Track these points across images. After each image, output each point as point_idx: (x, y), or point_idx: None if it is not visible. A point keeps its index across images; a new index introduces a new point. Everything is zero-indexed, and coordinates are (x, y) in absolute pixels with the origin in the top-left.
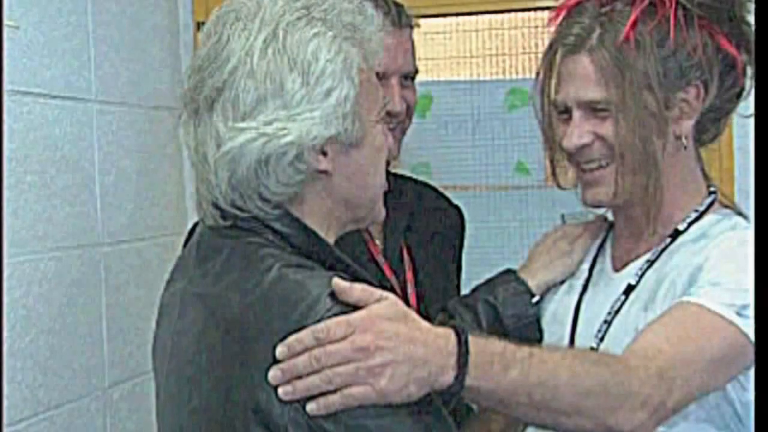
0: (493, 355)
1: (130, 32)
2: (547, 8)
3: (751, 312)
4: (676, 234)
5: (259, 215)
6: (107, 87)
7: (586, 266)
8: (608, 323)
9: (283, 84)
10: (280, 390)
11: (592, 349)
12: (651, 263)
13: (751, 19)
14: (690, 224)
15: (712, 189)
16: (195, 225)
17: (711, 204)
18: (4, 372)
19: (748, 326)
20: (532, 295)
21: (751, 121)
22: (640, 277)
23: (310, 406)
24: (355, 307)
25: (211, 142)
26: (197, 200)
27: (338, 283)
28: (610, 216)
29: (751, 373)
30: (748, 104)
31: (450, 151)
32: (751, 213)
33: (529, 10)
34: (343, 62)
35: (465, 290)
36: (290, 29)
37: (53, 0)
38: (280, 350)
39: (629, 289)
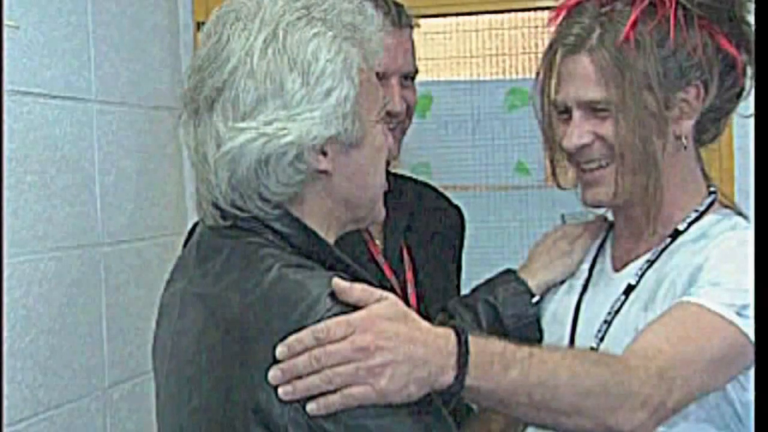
0: (493, 355)
1: (130, 32)
2: (547, 8)
3: (751, 312)
4: (676, 234)
5: (259, 215)
6: (107, 87)
7: (586, 266)
8: (608, 323)
9: (283, 84)
10: (280, 390)
11: (592, 349)
12: (651, 263)
13: (751, 19)
14: (690, 224)
15: (712, 189)
16: (195, 225)
17: (711, 204)
18: (4, 372)
19: (748, 326)
20: (532, 295)
21: (751, 121)
22: (640, 277)
23: (310, 406)
24: (355, 307)
25: (211, 142)
26: (197, 200)
27: (338, 283)
28: (610, 216)
29: (751, 373)
30: (748, 104)
31: (450, 151)
32: (751, 213)
33: (529, 10)
34: (343, 62)
35: (465, 290)
36: (290, 29)
37: (53, 0)
38: (280, 350)
39: (629, 289)
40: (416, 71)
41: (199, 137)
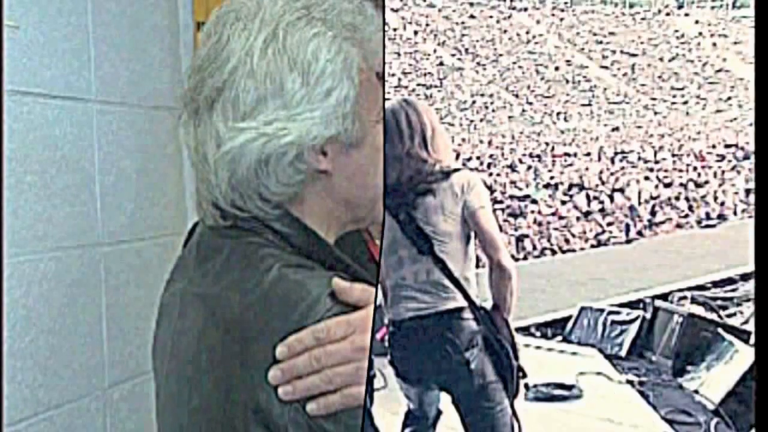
0: None
1: (130, 32)
2: None
3: None
4: None
5: (259, 215)
6: (107, 87)
7: None
8: None
9: (283, 84)
10: (280, 390)
11: None
12: None
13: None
14: None
15: None
16: (195, 225)
17: None
18: (4, 372)
19: None
20: None
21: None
22: None
23: (310, 406)
24: (355, 307)
25: (211, 142)
26: (197, 200)
27: (338, 283)
28: None
29: None
30: None
31: None
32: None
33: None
34: (343, 62)
35: None
36: (290, 29)
37: (53, 0)
38: (280, 350)
39: None
40: None
41: (199, 137)
